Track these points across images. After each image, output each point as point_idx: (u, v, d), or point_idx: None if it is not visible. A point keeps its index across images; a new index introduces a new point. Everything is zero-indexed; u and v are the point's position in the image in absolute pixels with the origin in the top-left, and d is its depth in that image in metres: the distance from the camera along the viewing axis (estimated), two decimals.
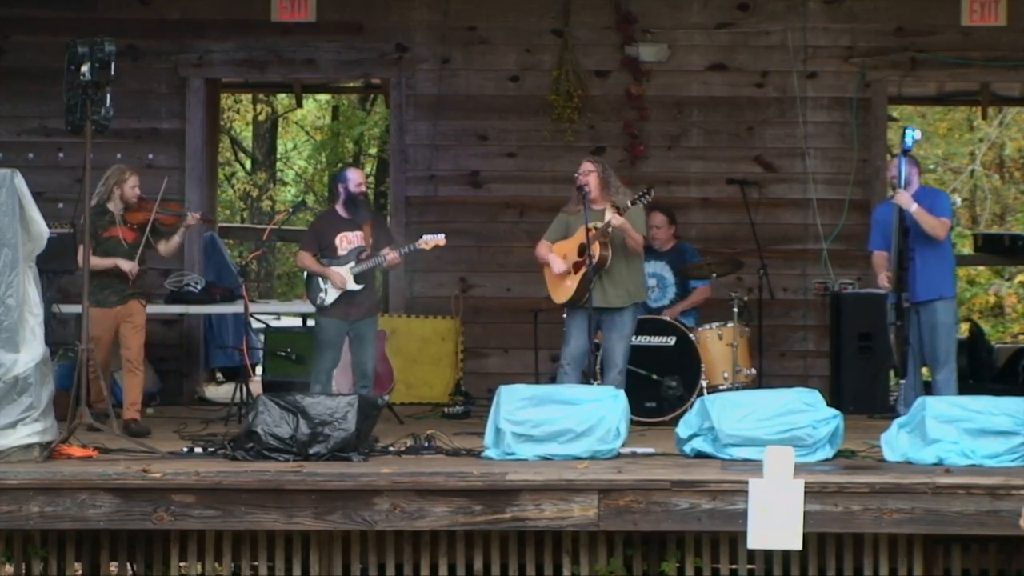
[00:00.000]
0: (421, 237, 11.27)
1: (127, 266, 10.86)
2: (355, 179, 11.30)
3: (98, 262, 10.74)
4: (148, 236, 11.03)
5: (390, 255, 11.10)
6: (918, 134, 10.84)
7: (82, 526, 8.69)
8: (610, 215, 10.63)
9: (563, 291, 10.90)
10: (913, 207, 10.71)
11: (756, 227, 13.03)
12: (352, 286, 11.11)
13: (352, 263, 11.11)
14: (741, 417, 9.34)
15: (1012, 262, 19.62)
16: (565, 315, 10.95)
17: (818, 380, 12.50)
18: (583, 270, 10.71)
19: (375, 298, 11.54)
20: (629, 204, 10.72)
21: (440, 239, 11.22)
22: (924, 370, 11.32)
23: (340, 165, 25.31)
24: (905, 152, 10.74)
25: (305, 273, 11.38)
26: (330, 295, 11.11)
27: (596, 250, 10.64)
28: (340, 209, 11.28)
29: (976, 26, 13.35)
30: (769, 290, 12.75)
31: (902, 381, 10.86)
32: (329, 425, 9.26)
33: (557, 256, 10.90)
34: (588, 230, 10.62)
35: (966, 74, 13.79)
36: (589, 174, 10.86)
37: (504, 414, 9.42)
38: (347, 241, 11.18)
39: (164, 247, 11.14)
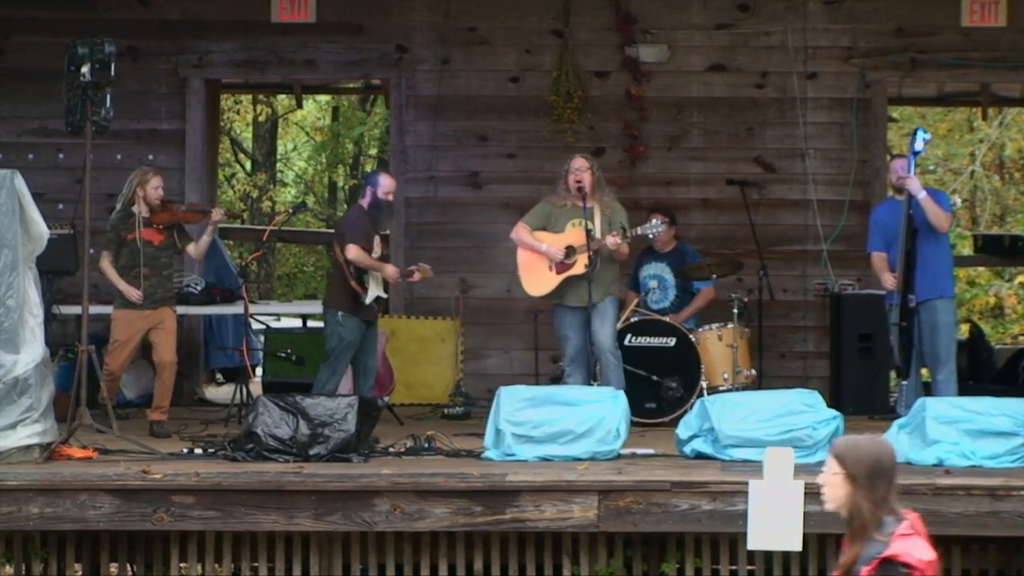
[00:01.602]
0: (418, 264, 11.30)
1: (134, 295, 10.85)
2: (385, 185, 11.09)
3: (112, 278, 10.79)
4: (176, 238, 11.01)
5: (417, 273, 11.10)
6: (929, 136, 10.85)
7: (82, 527, 8.69)
8: (611, 234, 10.67)
9: (539, 285, 10.96)
10: (922, 194, 10.70)
11: (756, 228, 13.02)
12: (383, 293, 11.07)
13: None
14: (741, 418, 9.34)
15: (1012, 263, 19.62)
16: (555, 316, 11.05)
17: (818, 381, 12.49)
18: (567, 272, 10.78)
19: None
20: (638, 232, 10.83)
21: (427, 270, 11.28)
22: (923, 371, 11.32)
23: (376, 167, 25.30)
24: (915, 154, 10.73)
25: (351, 267, 10.96)
26: (371, 294, 11.01)
27: (584, 259, 10.70)
28: (368, 210, 11.15)
29: (976, 27, 13.35)
30: (769, 291, 12.74)
31: (903, 382, 10.85)
32: (329, 426, 9.26)
33: (555, 249, 10.91)
34: (588, 236, 10.70)
35: (966, 75, 13.79)
36: (585, 171, 10.86)
37: (504, 415, 9.42)
38: (377, 246, 11.12)
39: (194, 249, 11.13)
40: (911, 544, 5.30)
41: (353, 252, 10.90)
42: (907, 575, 5.24)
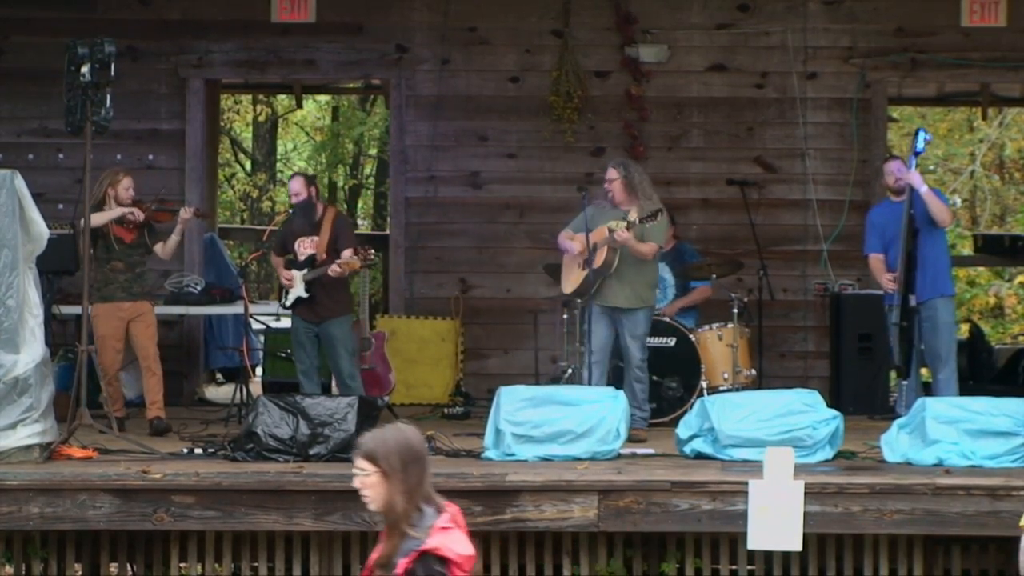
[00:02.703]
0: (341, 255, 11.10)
1: (132, 211, 10.89)
2: (291, 188, 11.40)
3: (103, 215, 10.78)
4: (146, 236, 11.05)
5: (332, 268, 10.98)
6: (930, 136, 10.84)
7: (82, 527, 8.69)
8: (620, 226, 10.54)
9: (569, 282, 10.92)
10: (924, 188, 10.69)
11: (756, 228, 13.02)
12: (302, 293, 11.08)
13: (305, 270, 11.12)
14: (741, 418, 9.34)
15: (1012, 263, 19.62)
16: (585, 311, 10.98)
17: (818, 381, 12.49)
18: (587, 268, 10.72)
19: (345, 301, 11.39)
20: (637, 222, 10.62)
21: (355, 262, 11.08)
22: (924, 371, 11.31)
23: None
24: (917, 154, 10.72)
25: None
26: (289, 297, 11.18)
27: (602, 255, 10.62)
28: (292, 214, 11.42)
29: (976, 27, 13.35)
30: (769, 291, 12.74)
31: (903, 382, 10.85)
32: (329, 426, 9.26)
33: (575, 244, 10.83)
34: (588, 233, 10.64)
35: (966, 75, 13.78)
36: (613, 182, 10.75)
37: (504, 415, 9.42)
38: (304, 247, 11.19)
39: (162, 248, 11.13)
40: (450, 538, 5.20)
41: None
42: (443, 572, 5.12)
